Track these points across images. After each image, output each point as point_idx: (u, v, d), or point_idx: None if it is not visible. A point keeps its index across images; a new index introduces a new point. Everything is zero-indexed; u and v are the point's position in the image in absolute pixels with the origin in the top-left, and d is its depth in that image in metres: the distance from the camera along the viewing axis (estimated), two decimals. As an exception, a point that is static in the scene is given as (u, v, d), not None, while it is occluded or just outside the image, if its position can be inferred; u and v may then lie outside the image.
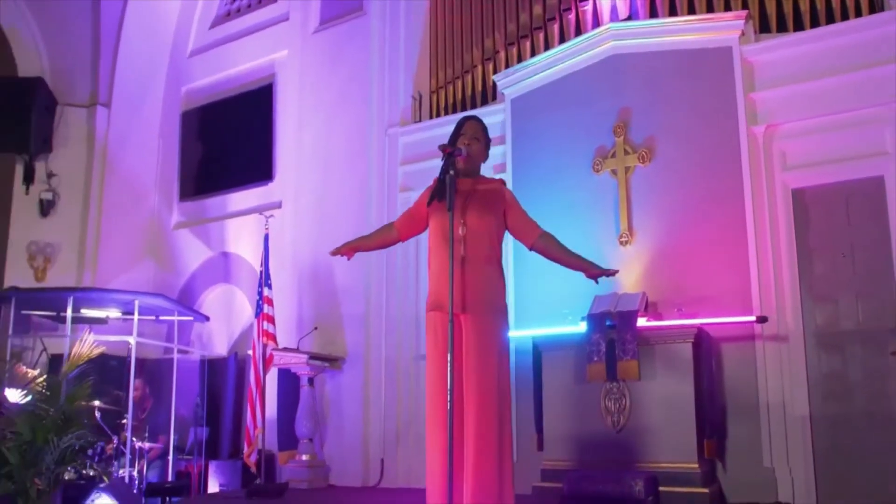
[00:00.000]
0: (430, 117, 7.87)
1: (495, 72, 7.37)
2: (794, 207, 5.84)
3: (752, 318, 5.47)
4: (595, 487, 5.14)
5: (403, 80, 7.98)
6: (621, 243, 6.26)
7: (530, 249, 3.74)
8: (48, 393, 5.06)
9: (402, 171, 7.74)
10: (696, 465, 5.17)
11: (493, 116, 7.25)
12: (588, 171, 6.53)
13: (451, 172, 3.48)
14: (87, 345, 5.32)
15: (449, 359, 3.32)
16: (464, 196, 3.60)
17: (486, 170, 6.93)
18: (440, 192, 3.55)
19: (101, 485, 4.78)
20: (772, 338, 5.66)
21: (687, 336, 5.37)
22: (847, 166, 5.66)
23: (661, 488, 5.16)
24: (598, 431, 5.53)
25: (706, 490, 5.09)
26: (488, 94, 7.53)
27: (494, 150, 6.95)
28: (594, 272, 3.61)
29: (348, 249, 3.84)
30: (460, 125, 3.72)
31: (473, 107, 7.52)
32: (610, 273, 3.63)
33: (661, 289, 6.04)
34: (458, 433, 3.40)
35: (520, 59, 7.24)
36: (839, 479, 5.36)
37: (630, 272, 6.20)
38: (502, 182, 3.84)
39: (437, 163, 7.32)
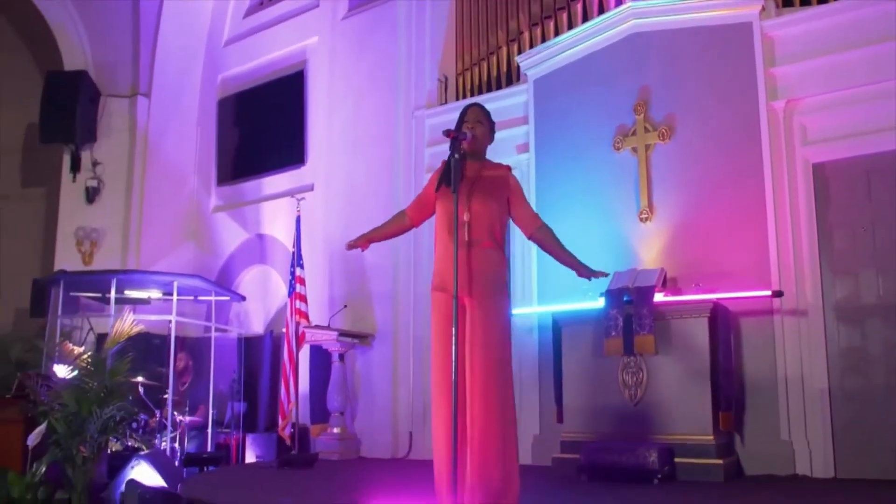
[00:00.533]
0: (456, 99, 7.95)
1: (519, 53, 7.41)
2: (815, 182, 5.78)
3: (769, 293, 5.45)
4: (610, 458, 5.25)
5: (429, 64, 8.07)
6: (641, 220, 6.29)
7: (528, 238, 3.80)
8: (92, 368, 5.33)
9: (428, 153, 7.85)
10: (712, 437, 5.21)
11: (516, 97, 7.34)
12: (609, 150, 6.55)
13: (456, 156, 3.58)
14: (128, 323, 5.56)
15: (454, 340, 3.42)
16: (470, 181, 3.68)
17: (510, 150, 7.14)
18: (447, 176, 3.65)
19: (141, 453, 5.04)
20: (791, 312, 5.64)
21: (703, 311, 5.39)
22: (868, 140, 5.58)
23: (676, 459, 5.24)
24: (616, 404, 5.60)
25: (720, 461, 5.13)
26: (512, 76, 7.57)
27: (517, 131, 7.19)
28: (584, 273, 3.69)
29: (364, 241, 3.91)
30: (463, 112, 3.80)
31: (498, 88, 7.58)
32: (599, 275, 3.69)
33: (680, 264, 6.05)
34: (462, 410, 3.53)
35: (544, 40, 7.25)
36: (858, 453, 5.34)
37: (650, 248, 6.23)
38: (509, 168, 3.90)
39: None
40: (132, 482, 4.33)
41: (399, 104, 8.04)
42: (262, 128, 9.30)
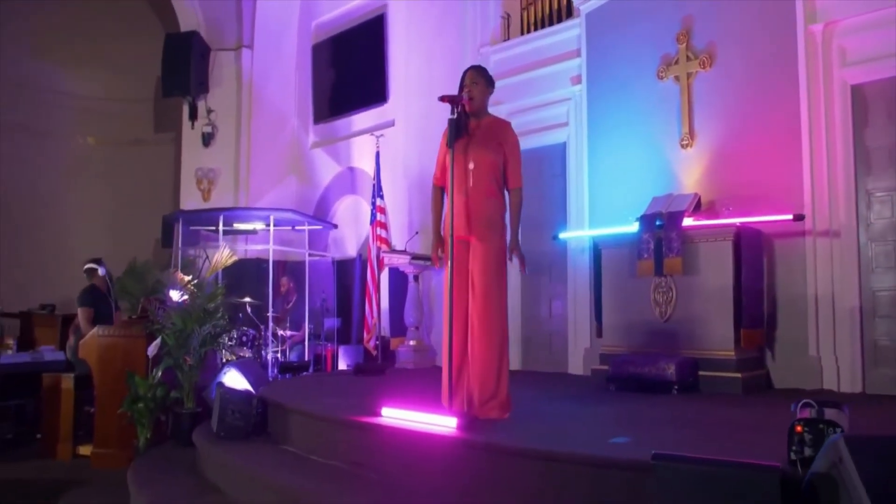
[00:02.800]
0: (521, 34, 8.07)
1: (575, -13, 7.42)
2: (853, 104, 5.61)
3: (790, 217, 5.46)
4: (634, 370, 5.56)
5: (493, 2, 8.22)
6: (682, 146, 6.33)
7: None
8: (197, 293, 6.18)
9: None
10: (733, 353, 5.38)
11: (570, 31, 7.40)
12: (654, 79, 6.56)
13: (454, 116, 3.95)
14: (225, 255, 6.34)
15: (449, 272, 3.89)
16: (473, 136, 4.09)
17: (564, 83, 7.29)
18: (450, 135, 4.05)
19: (232, 362, 5.89)
20: (824, 233, 5.61)
21: (727, 235, 5.48)
22: (909, 58, 5.34)
23: (701, 372, 5.47)
24: (649, 321, 5.85)
25: (739, 375, 5.32)
26: (572, 10, 7.58)
27: (571, 64, 7.29)
28: (512, 248, 4.07)
29: (438, 245, 4.17)
30: (463, 76, 4.15)
31: (555, 23, 7.64)
32: (519, 260, 4.10)
33: (718, 189, 6.09)
34: (465, 329, 4.02)
35: (597, -27, 7.21)
36: (887, 369, 5.35)
37: (690, 174, 6.29)
38: (509, 124, 4.25)
39: (526, 77, 7.72)
40: (220, 384, 5.13)
41: (466, 42, 8.26)
42: (351, 69, 9.80)
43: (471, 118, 4.13)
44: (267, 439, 4.62)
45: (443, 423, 3.57)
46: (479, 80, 4.14)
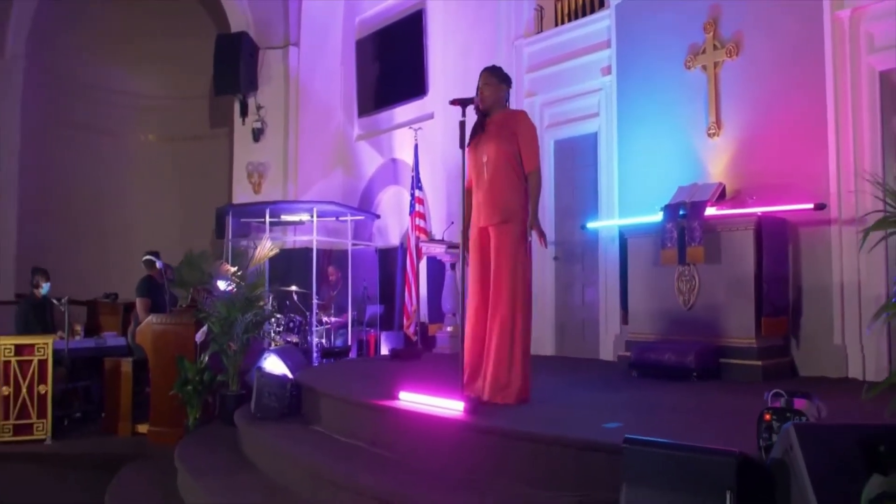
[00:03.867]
0: (554, 25, 8.16)
1: (606, -21, 7.48)
2: (881, 90, 5.55)
3: (811, 206, 5.46)
4: (655, 357, 5.67)
5: (528, -6, 8.34)
6: (709, 136, 6.35)
7: None
8: (241, 283, 6.57)
9: (527, 79, 8.21)
10: (754, 341, 5.43)
11: (600, 23, 7.46)
12: (681, 69, 6.58)
13: (464, 118, 4.17)
14: (266, 248, 6.72)
15: (461, 258, 4.13)
16: (485, 131, 4.31)
17: (595, 73, 7.40)
18: (473, 130, 4.29)
19: (272, 348, 6.26)
20: (849, 222, 5.58)
21: (748, 224, 5.51)
22: (938, 43, 5.26)
23: (722, 360, 5.55)
24: (673, 309, 5.94)
25: (760, 363, 5.38)
26: (603, 2, 7.65)
27: (602, 55, 7.38)
28: (533, 226, 4.21)
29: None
30: (479, 77, 4.37)
31: (586, 14, 7.71)
32: (540, 237, 4.25)
33: (744, 177, 6.10)
34: (485, 318, 4.26)
35: (627, -36, 7.25)
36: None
37: (716, 163, 6.32)
38: (523, 113, 4.44)
39: (559, 68, 7.85)
40: (259, 369, 5.50)
41: (501, 35, 8.41)
42: (393, 63, 10.06)
43: (486, 118, 4.35)
44: (300, 420, 4.95)
45: (451, 407, 3.81)
46: (490, 80, 4.36)
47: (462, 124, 4.18)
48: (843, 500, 2.08)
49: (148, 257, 7.58)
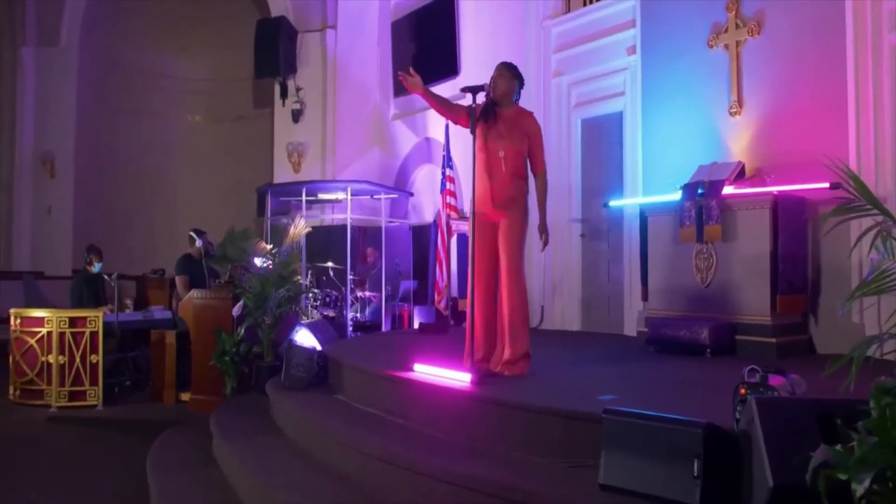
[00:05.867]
0: (583, 5, 8.19)
1: (631, -43, 7.45)
2: (904, 67, 5.49)
3: (827, 185, 5.45)
4: (670, 333, 5.78)
5: (556, -27, 8.36)
6: (731, 114, 6.35)
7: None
8: (275, 260, 6.87)
9: (555, 59, 8.26)
10: (769, 318, 5.49)
11: (626, 2, 7.46)
12: (704, 48, 6.56)
13: (473, 105, 4.34)
14: (300, 227, 7.00)
15: (470, 247, 4.33)
16: (503, 123, 4.50)
17: (620, 53, 7.46)
18: (480, 117, 4.45)
19: (303, 322, 6.56)
20: (869, 200, 5.56)
21: (764, 203, 5.54)
22: (961, 19, 5.17)
23: (738, 337, 5.63)
24: (691, 286, 6.02)
25: (774, 340, 5.44)
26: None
27: (627, 34, 7.41)
28: (540, 228, 4.47)
29: (414, 80, 4.66)
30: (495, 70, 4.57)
31: (613, -7, 7.72)
32: (543, 239, 4.48)
33: (765, 156, 6.09)
34: (489, 297, 4.47)
35: (652, -58, 7.22)
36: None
37: (737, 141, 6.32)
38: (532, 114, 4.61)
39: (586, 48, 7.92)
40: (290, 341, 5.78)
41: (530, 16, 8.46)
42: (427, 44, 10.18)
43: (497, 107, 4.51)
44: (325, 390, 5.22)
45: (460, 379, 4.03)
46: (505, 72, 4.54)
47: (472, 110, 4.35)
48: (796, 469, 2.21)
49: (192, 234, 7.95)
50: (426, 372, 4.31)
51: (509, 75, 4.54)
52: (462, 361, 4.38)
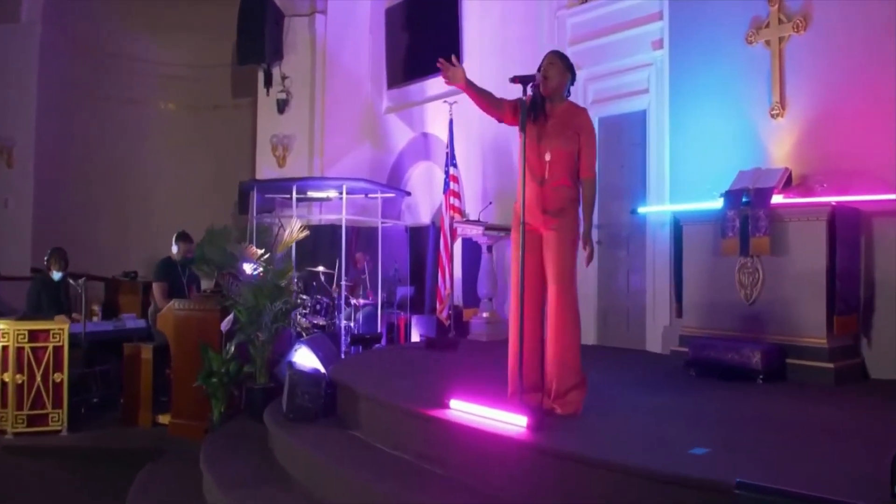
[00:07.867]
0: (599, -5, 7.62)
1: (656, -55, 6.90)
2: (972, 67, 5.03)
3: (894, 196, 4.97)
4: (716, 356, 5.25)
5: (572, -38, 7.77)
6: (772, 116, 5.84)
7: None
8: (267, 268, 6.16)
9: (570, 52, 7.64)
10: (825, 341, 5.00)
11: (652, -8, 6.92)
12: (741, 44, 6.04)
13: (523, 98, 3.73)
14: (296, 230, 6.29)
15: (521, 257, 3.71)
16: (551, 122, 3.88)
17: (645, 47, 6.87)
18: (529, 112, 3.83)
19: (303, 339, 5.88)
20: (928, 212, 5.11)
21: (821, 214, 5.04)
22: None
23: (788, 360, 5.12)
24: (732, 303, 5.50)
25: (831, 365, 4.95)
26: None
27: (653, 27, 6.84)
28: (583, 238, 3.86)
29: (458, 73, 4.18)
30: (543, 59, 3.98)
31: (637, -18, 7.16)
32: (587, 250, 3.86)
33: (811, 162, 5.60)
34: (535, 319, 3.87)
35: (679, -71, 6.68)
36: None
37: (780, 146, 5.82)
38: (586, 111, 4.01)
39: (605, 41, 7.36)
40: (291, 364, 5.11)
41: (542, 5, 7.87)
42: (425, 33, 9.53)
43: (546, 102, 3.91)
44: (335, 422, 4.58)
45: (513, 422, 3.42)
46: (556, 61, 3.95)
47: (522, 102, 3.75)
48: None
49: (176, 235, 7.22)
50: (467, 410, 3.69)
51: (562, 66, 3.95)
52: (507, 396, 3.77)
